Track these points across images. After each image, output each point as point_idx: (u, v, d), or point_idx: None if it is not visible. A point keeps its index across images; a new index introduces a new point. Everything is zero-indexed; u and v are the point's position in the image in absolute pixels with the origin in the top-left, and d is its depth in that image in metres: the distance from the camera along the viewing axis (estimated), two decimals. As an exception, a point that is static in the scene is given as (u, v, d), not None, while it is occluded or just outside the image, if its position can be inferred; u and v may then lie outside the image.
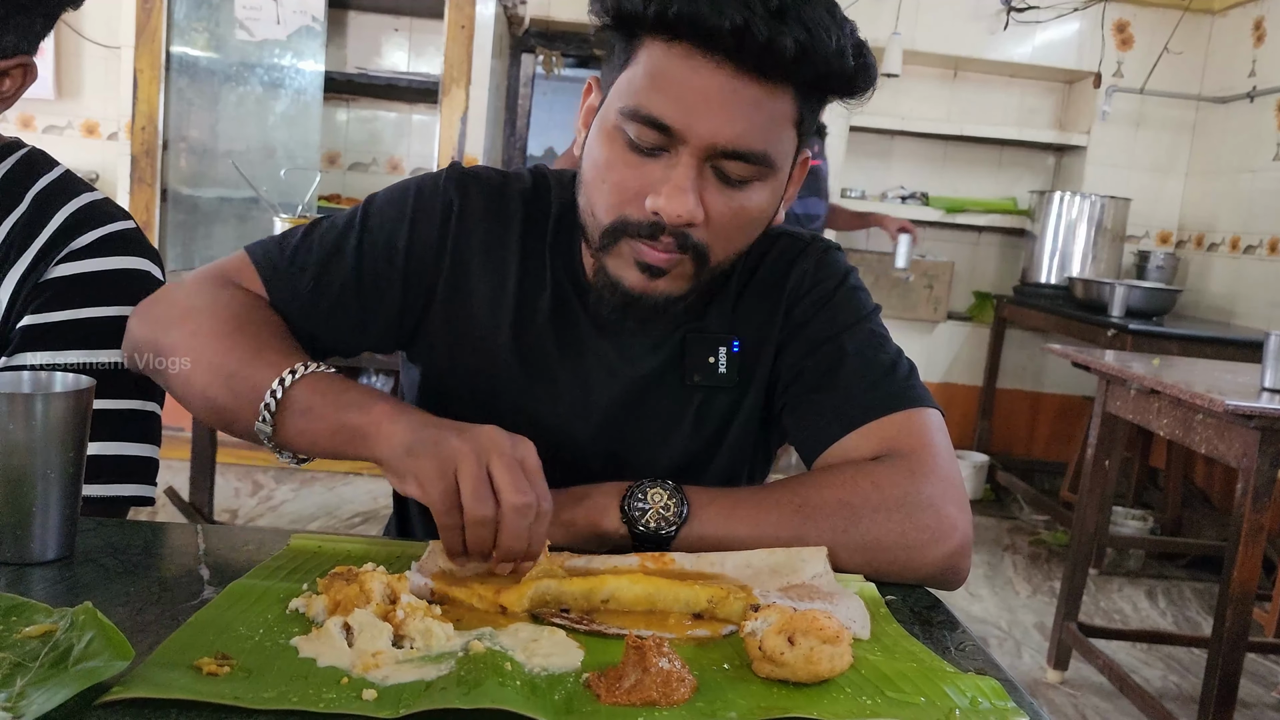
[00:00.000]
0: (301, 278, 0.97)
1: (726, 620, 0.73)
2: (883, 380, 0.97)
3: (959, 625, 0.79)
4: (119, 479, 1.00)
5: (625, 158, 0.88)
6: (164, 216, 3.80)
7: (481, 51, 3.80)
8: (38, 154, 1.09)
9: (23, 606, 0.66)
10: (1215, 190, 4.38)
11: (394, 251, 0.98)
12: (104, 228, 1.04)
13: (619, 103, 0.88)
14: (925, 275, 4.50)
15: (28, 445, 0.73)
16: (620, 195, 0.88)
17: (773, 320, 1.02)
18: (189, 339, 0.90)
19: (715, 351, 1.01)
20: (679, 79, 0.84)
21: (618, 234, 0.90)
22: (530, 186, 1.04)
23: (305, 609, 0.70)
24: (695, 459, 1.03)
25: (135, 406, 1.03)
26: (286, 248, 0.99)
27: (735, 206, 0.89)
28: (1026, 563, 3.74)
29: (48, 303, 0.99)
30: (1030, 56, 4.45)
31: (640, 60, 0.87)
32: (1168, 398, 2.28)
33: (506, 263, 1.00)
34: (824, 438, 0.96)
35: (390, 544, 0.85)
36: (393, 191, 1.02)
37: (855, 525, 0.85)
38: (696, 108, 0.84)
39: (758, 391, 1.02)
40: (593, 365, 1.00)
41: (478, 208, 1.01)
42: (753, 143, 0.86)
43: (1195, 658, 2.95)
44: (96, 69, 4.03)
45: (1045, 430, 4.72)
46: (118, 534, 0.84)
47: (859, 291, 1.04)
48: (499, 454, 0.73)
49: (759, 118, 0.86)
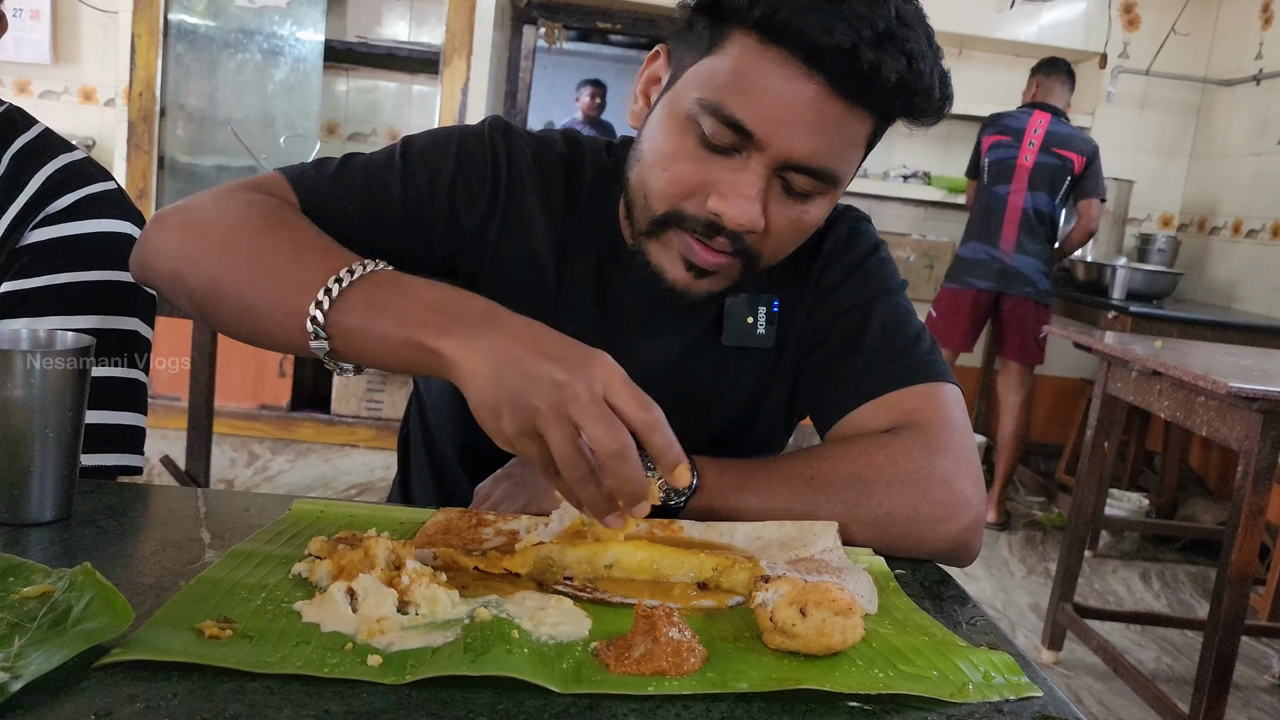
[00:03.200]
0: (346, 201, 0.92)
1: (731, 591, 0.72)
2: (904, 352, 0.96)
3: (969, 600, 0.78)
4: (106, 448, 0.98)
5: (693, 151, 0.85)
6: (161, 184, 3.77)
7: (483, 22, 3.77)
8: (15, 112, 1.05)
9: (20, 567, 0.65)
10: (1219, 174, 4.36)
11: (437, 190, 0.94)
12: (83, 189, 1.00)
13: (697, 92, 0.84)
14: (926, 255, 4.48)
15: (26, 404, 0.72)
16: (681, 188, 0.86)
17: (805, 283, 1.01)
18: (220, 240, 0.81)
19: (755, 312, 0.99)
20: (770, 86, 0.81)
21: (668, 225, 0.87)
22: (566, 151, 1.01)
23: (308, 574, 0.69)
24: (734, 424, 1.02)
25: (120, 375, 1.00)
26: (325, 173, 0.93)
27: (794, 218, 0.87)
28: (1022, 544, 3.74)
29: (25, 268, 0.97)
30: (1036, 36, 4.42)
31: (728, 53, 0.83)
32: (1169, 379, 2.27)
33: (552, 220, 0.98)
34: (840, 406, 0.95)
35: (394, 510, 0.84)
36: (435, 135, 0.98)
37: (868, 499, 0.84)
38: (782, 118, 0.81)
39: (790, 354, 1.02)
40: (633, 332, 0.99)
41: (524, 162, 0.98)
42: (827, 161, 0.84)
43: (1189, 640, 2.96)
44: (94, 34, 3.98)
45: (1043, 412, 4.71)
46: (116, 496, 0.82)
47: (888, 263, 1.04)
48: (577, 404, 0.67)
49: (839, 138, 0.84)
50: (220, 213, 0.85)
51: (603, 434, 0.66)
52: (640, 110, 0.93)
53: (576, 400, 0.67)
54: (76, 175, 1.01)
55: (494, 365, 0.69)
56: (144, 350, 1.04)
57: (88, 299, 0.98)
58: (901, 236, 4.53)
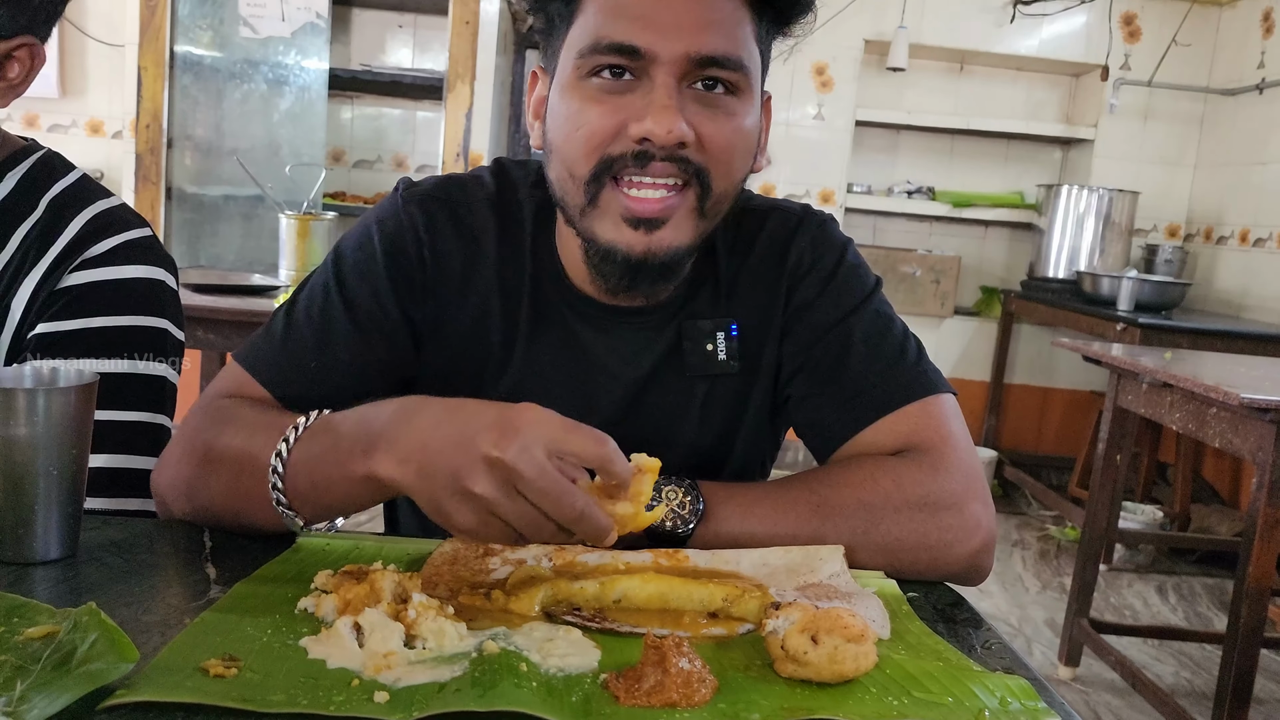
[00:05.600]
0: (303, 360, 0.92)
1: (742, 619, 0.71)
2: (893, 368, 0.94)
3: (983, 623, 0.77)
4: (125, 493, 0.98)
5: (596, 98, 0.83)
6: (169, 214, 3.79)
7: (486, 47, 3.78)
8: (55, 158, 1.07)
9: (25, 607, 0.64)
10: (1224, 183, 4.35)
11: (383, 304, 0.94)
12: (120, 235, 1.02)
13: (574, 51, 0.84)
14: (932, 270, 4.47)
15: (30, 442, 0.72)
16: (600, 136, 0.83)
17: (774, 303, 0.98)
18: (199, 468, 0.84)
19: (713, 338, 0.97)
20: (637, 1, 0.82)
21: (601, 178, 0.84)
22: (495, 190, 0.98)
23: (314, 608, 0.68)
24: (709, 454, 1.00)
25: (145, 419, 1.01)
26: (275, 340, 0.93)
27: (725, 125, 0.84)
28: (1036, 559, 3.71)
29: (61, 311, 0.98)
30: (1037, 50, 4.42)
31: (588, 7, 0.84)
32: (1181, 391, 2.25)
33: (486, 280, 0.96)
34: (837, 435, 0.93)
35: (400, 541, 0.83)
36: (358, 236, 0.96)
37: (876, 526, 0.83)
38: (661, 21, 0.81)
39: (765, 379, 0.99)
40: (590, 369, 0.97)
41: (447, 232, 0.96)
42: (726, 46, 0.83)
43: (1207, 654, 2.93)
44: (101, 67, 4.01)
45: (1054, 425, 4.69)
46: (122, 531, 0.82)
47: (859, 267, 1.01)
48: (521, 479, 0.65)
49: (728, 24, 0.83)
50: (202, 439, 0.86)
51: (556, 507, 0.65)
52: (538, 130, 0.92)
53: (524, 482, 0.65)
54: (114, 221, 1.03)
55: (421, 466, 0.68)
56: (171, 395, 1.05)
57: (120, 343, 0.99)
58: (907, 252, 4.53)
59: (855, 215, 4.59)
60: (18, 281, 0.99)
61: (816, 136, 4.37)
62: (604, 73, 0.83)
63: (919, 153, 4.69)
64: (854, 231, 4.63)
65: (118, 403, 0.98)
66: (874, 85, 4.49)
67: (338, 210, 3.59)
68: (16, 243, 1.00)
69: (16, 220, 1.01)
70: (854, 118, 4.38)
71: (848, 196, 4.46)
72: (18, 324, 0.98)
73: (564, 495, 0.65)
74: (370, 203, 3.99)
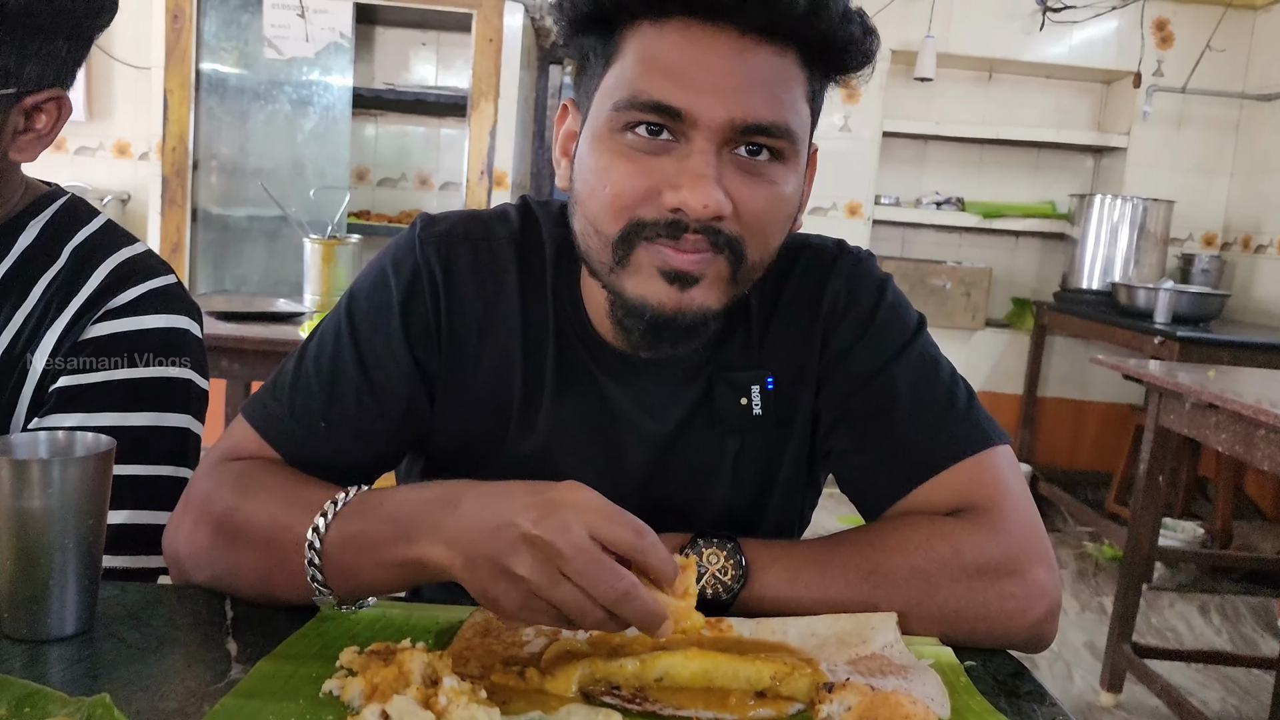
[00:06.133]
0: (312, 422, 0.88)
1: (791, 699, 0.67)
2: (942, 421, 0.88)
3: (1047, 697, 0.72)
4: (147, 549, 0.95)
5: (629, 156, 0.78)
6: (195, 236, 3.79)
7: (509, 64, 3.77)
8: (78, 203, 1.05)
9: (37, 695, 0.61)
10: (1262, 190, 4.26)
11: (394, 344, 0.89)
12: (143, 284, 1.00)
13: (610, 101, 0.78)
14: (962, 282, 4.41)
15: (45, 514, 0.69)
16: (630, 197, 0.78)
17: (809, 349, 0.92)
18: (218, 536, 0.81)
19: (747, 392, 0.91)
20: (679, 55, 0.75)
21: (631, 241, 0.79)
22: (518, 228, 0.93)
23: (340, 692, 0.65)
24: (743, 512, 0.95)
25: (167, 473, 0.98)
26: (282, 396, 0.89)
27: (763, 194, 0.79)
28: (1074, 579, 3.63)
29: (83, 363, 0.96)
30: (1067, 57, 4.35)
31: (628, 52, 0.78)
32: (1227, 412, 2.19)
33: (508, 327, 0.91)
34: (886, 495, 0.88)
35: (429, 609, 0.80)
36: (372, 279, 0.92)
37: (932, 596, 0.78)
38: (704, 83, 0.75)
39: (801, 431, 0.93)
40: (618, 427, 0.91)
41: (465, 273, 0.90)
42: (772, 113, 0.77)
43: (1255, 679, 2.84)
44: (127, 90, 4.03)
45: (1089, 440, 4.61)
46: (140, 599, 0.79)
47: (899, 308, 0.94)
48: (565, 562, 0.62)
49: (774, 85, 0.77)
50: (221, 505, 0.82)
51: (602, 588, 0.62)
52: (565, 170, 0.87)
53: (563, 560, 0.62)
54: (137, 270, 1.01)
55: (467, 554, 0.66)
56: (195, 446, 1.03)
57: (143, 395, 0.97)
58: (937, 264, 4.46)
59: (883, 227, 4.54)
60: (40, 332, 0.97)
61: (843, 148, 4.32)
62: (639, 129, 0.77)
63: (947, 163, 4.63)
64: (882, 244, 4.57)
65: (140, 456, 0.96)
66: (901, 95, 4.43)
67: (362, 230, 3.58)
68: (39, 293, 0.98)
69: (40, 270, 0.99)
70: (881, 129, 4.33)
71: (875, 208, 4.40)
72: (40, 376, 0.96)
73: (605, 575, 0.62)
74: (395, 221, 3.98)
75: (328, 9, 3.66)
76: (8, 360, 0.96)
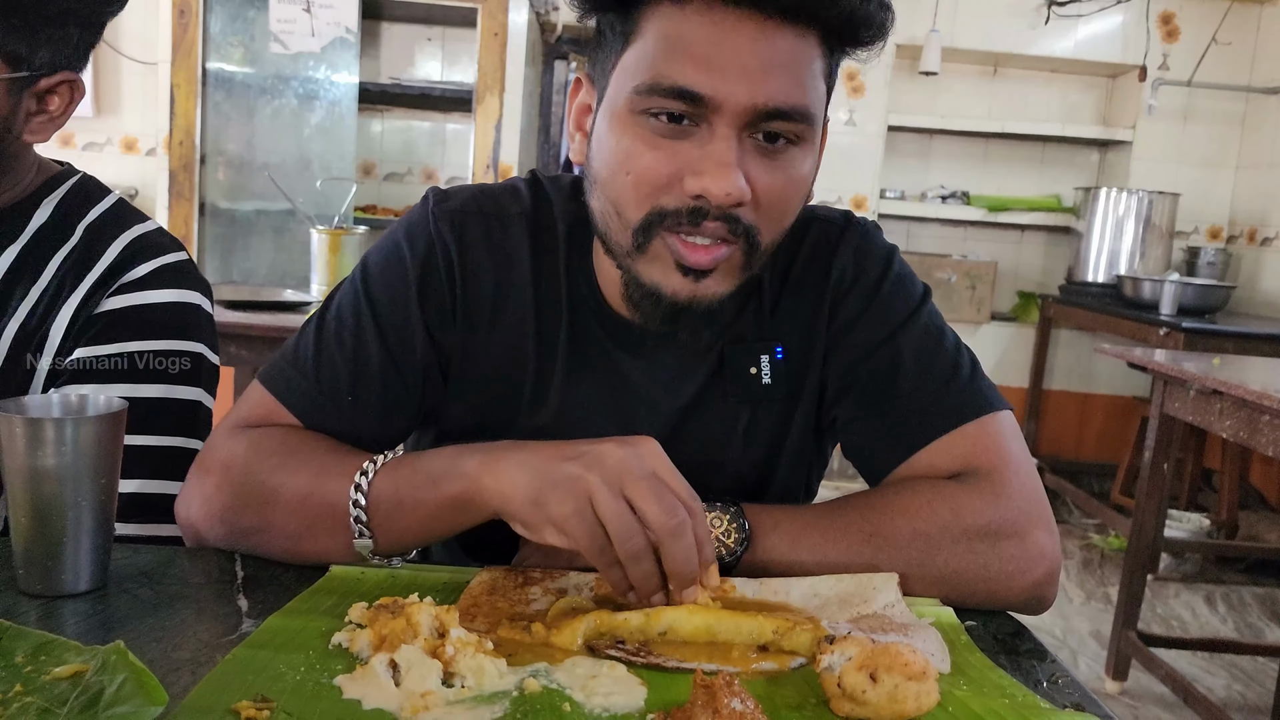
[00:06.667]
0: (338, 395, 0.88)
1: (793, 653, 0.68)
2: (946, 387, 0.89)
3: (1047, 654, 0.73)
4: (159, 518, 0.96)
5: (650, 141, 0.77)
6: (202, 230, 3.81)
7: (515, 59, 3.78)
8: (89, 182, 1.07)
9: (53, 644, 0.62)
10: (1267, 183, 4.25)
11: (411, 322, 0.90)
12: (156, 260, 1.02)
13: (630, 83, 0.77)
14: (968, 276, 4.41)
15: (58, 472, 0.70)
16: (651, 184, 0.78)
17: (818, 320, 0.93)
18: (245, 497, 0.82)
19: (757, 361, 0.92)
20: (702, 38, 0.74)
21: (652, 230, 0.79)
22: (530, 205, 0.93)
23: (349, 644, 0.66)
24: (752, 478, 0.96)
25: (178, 444, 1.00)
26: (305, 368, 0.89)
27: (782, 179, 0.79)
28: (1079, 568, 3.64)
29: (96, 336, 0.98)
30: (1072, 51, 4.35)
31: (648, 32, 0.77)
32: (1231, 398, 2.19)
33: (521, 303, 0.91)
34: (888, 459, 0.89)
35: (436, 570, 0.81)
36: (386, 252, 0.92)
37: (933, 557, 0.79)
38: (728, 68, 0.74)
39: (809, 400, 0.94)
40: (631, 401, 0.92)
41: (479, 250, 0.91)
42: (794, 97, 0.76)
43: (1260, 666, 2.85)
44: (134, 85, 4.05)
45: (1094, 431, 4.60)
46: (152, 560, 0.80)
47: (905, 278, 0.95)
48: (630, 477, 0.66)
49: (796, 68, 0.76)
50: (244, 470, 0.83)
51: (661, 510, 0.66)
52: (580, 144, 0.87)
53: (630, 474, 0.66)
54: (150, 246, 1.03)
55: (534, 466, 0.71)
56: (206, 419, 1.04)
57: (156, 368, 0.99)
58: (942, 258, 4.47)
59: (889, 221, 4.54)
60: (56, 308, 0.98)
61: (848, 142, 4.32)
62: (661, 115, 0.77)
63: (953, 157, 4.63)
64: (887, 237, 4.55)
65: (151, 428, 0.97)
66: (906, 90, 4.44)
67: (368, 224, 3.60)
68: (54, 269, 0.99)
69: (54, 247, 1.00)
70: (886, 123, 4.33)
71: (880, 202, 4.40)
72: (56, 350, 0.98)
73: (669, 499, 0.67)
74: (400, 215, 3.99)
75: (333, 4, 3.68)
76: (24, 335, 0.97)
